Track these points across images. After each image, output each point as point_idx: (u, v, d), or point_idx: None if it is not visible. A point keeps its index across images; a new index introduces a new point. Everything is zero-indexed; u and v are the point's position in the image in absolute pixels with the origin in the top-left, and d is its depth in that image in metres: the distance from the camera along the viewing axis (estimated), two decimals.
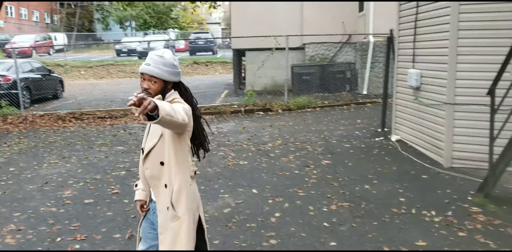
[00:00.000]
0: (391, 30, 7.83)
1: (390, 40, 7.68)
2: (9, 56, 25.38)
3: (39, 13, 45.95)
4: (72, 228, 4.13)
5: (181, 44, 34.27)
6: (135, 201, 2.50)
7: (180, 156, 2.28)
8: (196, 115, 2.37)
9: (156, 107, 1.86)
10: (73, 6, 48.07)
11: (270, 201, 4.65)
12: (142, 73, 2.25)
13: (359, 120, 8.85)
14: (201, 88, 15.40)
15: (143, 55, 27.61)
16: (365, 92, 11.82)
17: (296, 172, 5.66)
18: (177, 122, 2.00)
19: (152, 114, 1.90)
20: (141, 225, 2.51)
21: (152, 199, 2.42)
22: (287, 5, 12.68)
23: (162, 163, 2.30)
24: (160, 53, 2.28)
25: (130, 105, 1.82)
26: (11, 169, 6.23)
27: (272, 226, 4.05)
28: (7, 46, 26.73)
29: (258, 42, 11.50)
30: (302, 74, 12.01)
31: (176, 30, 43.90)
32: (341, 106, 10.59)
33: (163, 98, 2.28)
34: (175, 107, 2.02)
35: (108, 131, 9.04)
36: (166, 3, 33.64)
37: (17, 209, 4.65)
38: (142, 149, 2.38)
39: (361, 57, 11.94)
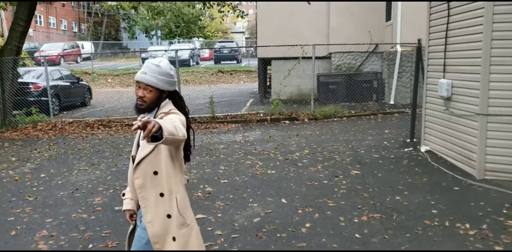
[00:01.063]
0: (419, 40, 7.76)
1: (419, 49, 7.59)
2: (38, 64, 26.12)
3: (67, 22, 47.16)
4: (103, 234, 4.18)
5: (206, 53, 34.68)
6: (123, 210, 2.47)
7: (177, 165, 2.30)
8: (187, 125, 2.38)
9: (160, 128, 1.86)
10: (100, 15, 49.20)
11: (300, 211, 4.61)
12: (137, 82, 2.26)
13: (387, 131, 8.74)
14: (226, 96, 15.50)
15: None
16: (392, 102, 11.69)
17: (325, 182, 5.61)
18: (179, 139, 2.00)
19: (155, 134, 1.90)
20: (130, 234, 2.51)
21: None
22: (313, 14, 12.69)
23: (155, 173, 2.27)
24: (157, 62, 2.27)
25: (135, 129, 1.84)
26: (42, 175, 6.36)
27: (303, 236, 4.01)
28: (36, 54, 27.50)
29: (284, 51, 11.54)
30: (328, 84, 11.96)
31: (200, 39, 44.45)
32: (368, 116, 10.49)
33: (158, 107, 2.31)
34: (176, 125, 2.02)
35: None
36: (195, 12, 33.98)
37: (49, 215, 4.73)
38: (133, 157, 2.35)
39: (388, 67, 11.82)
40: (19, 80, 11.12)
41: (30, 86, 11.90)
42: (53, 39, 40.67)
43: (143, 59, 30.64)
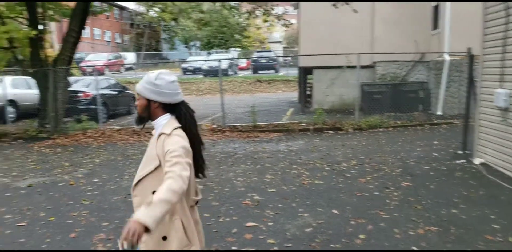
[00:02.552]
0: (469, 49, 7.56)
1: (471, 58, 7.38)
2: (84, 73, 27.08)
3: (111, 33, 48.78)
4: None
5: (243, 62, 35.01)
6: None
7: None
8: (196, 141, 2.34)
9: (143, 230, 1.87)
10: (142, 27, 50.63)
11: (352, 222, 4.53)
12: None
13: (436, 142, 8.51)
14: (265, 105, 15.55)
15: (208, 73, 28.44)
16: (439, 112, 11.38)
17: (376, 193, 5.50)
18: (182, 192, 2.03)
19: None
20: None
21: None
22: (357, 23, 12.60)
23: (154, 192, 2.17)
24: (151, 73, 2.30)
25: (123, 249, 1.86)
26: (95, 180, 6.54)
27: (358, 247, 3.93)
28: (81, 64, 28.54)
29: (326, 60, 11.50)
30: (373, 93, 11.80)
31: (238, 49, 44.96)
32: (415, 126, 10.26)
33: (147, 117, 2.30)
34: (172, 187, 1.97)
35: None
36: (240, 22, 34.34)
37: (105, 219, 4.84)
38: None
39: (435, 77, 11.55)
40: (70, 89, 11.57)
41: (80, 94, 12.34)
42: (98, 49, 42.13)
43: (183, 69, 31.29)
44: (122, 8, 47.87)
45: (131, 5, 49.03)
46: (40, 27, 11.44)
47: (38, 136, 10.76)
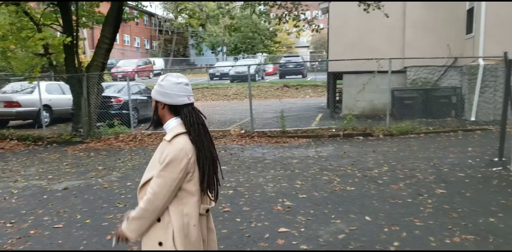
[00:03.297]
0: (505, 53, 7.37)
1: (508, 63, 7.20)
2: (114, 79, 27.68)
3: (140, 39, 49.72)
4: None
5: (270, 67, 35.08)
6: None
7: (182, 195, 2.19)
8: (202, 147, 2.19)
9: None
10: (170, 33, 51.44)
11: (386, 229, 4.46)
12: None
13: (470, 148, 8.31)
14: (293, 111, 15.52)
15: (235, 78, 28.62)
16: (473, 118, 11.12)
17: (409, 200, 5.41)
18: (156, 206, 2.14)
19: None
20: None
21: None
22: (387, 27, 12.46)
23: None
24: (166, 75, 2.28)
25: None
26: (128, 184, 6.65)
27: None
28: (112, 70, 29.19)
29: (357, 65, 11.40)
30: (404, 99, 11.63)
31: (264, 54, 45.10)
32: (448, 133, 10.04)
33: (156, 118, 2.30)
34: (145, 206, 2.14)
35: None
36: (271, 27, 34.51)
37: None
38: None
39: (469, 82, 11.30)
40: (102, 94, 11.84)
41: (112, 100, 12.61)
42: (127, 55, 43.01)
43: (210, 75, 31.58)
44: (151, 15, 48.76)
45: (159, 12, 49.99)
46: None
47: (72, 140, 11.05)
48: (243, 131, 11.14)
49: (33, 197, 6.18)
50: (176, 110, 2.24)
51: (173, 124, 2.23)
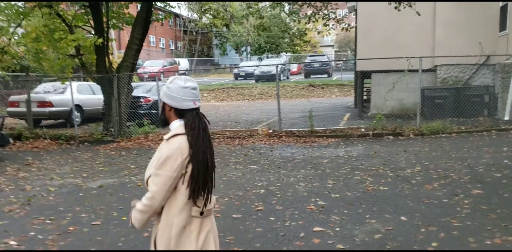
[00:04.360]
0: None
1: None
2: (141, 79, 28.06)
3: (165, 40, 50.30)
4: (227, 240, 4.31)
5: (294, 67, 34.98)
6: None
7: (180, 195, 2.20)
8: (199, 152, 2.18)
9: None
10: (194, 33, 51.88)
11: (422, 230, 4.41)
12: None
13: (505, 148, 8.11)
14: (320, 110, 15.43)
15: (259, 78, 28.65)
16: (507, 118, 10.83)
17: (445, 200, 5.32)
18: (155, 205, 2.21)
19: None
20: None
21: None
22: (416, 26, 12.28)
23: None
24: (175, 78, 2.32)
25: None
26: None
27: None
28: (139, 70, 29.61)
29: (386, 64, 11.28)
30: (434, 98, 11.43)
31: (288, 53, 45.00)
32: (480, 132, 9.83)
33: (164, 118, 2.35)
34: (144, 202, 2.23)
35: (239, 150, 9.40)
36: (301, 26, 34.46)
37: None
38: None
39: (503, 80, 11.02)
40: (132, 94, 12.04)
41: (142, 100, 12.80)
42: (153, 56, 43.53)
43: (235, 75, 31.70)
44: (176, 16, 49.25)
45: (184, 12, 50.45)
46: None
47: (103, 139, 11.27)
48: (271, 131, 11.16)
49: (70, 194, 6.33)
50: (180, 113, 2.28)
51: (176, 125, 2.29)
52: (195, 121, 2.23)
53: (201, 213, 2.24)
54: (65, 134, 11.79)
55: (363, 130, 10.44)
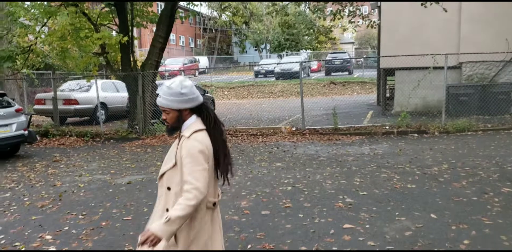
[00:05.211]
0: None
1: None
2: (162, 77, 28.31)
3: (185, 38, 50.61)
4: (258, 236, 4.36)
5: (314, 64, 34.84)
6: None
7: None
8: (220, 141, 2.38)
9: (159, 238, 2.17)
10: (214, 31, 52.07)
11: (453, 227, 4.38)
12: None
13: None
14: (342, 108, 15.35)
15: (280, 76, 28.62)
16: None
17: (474, 198, 5.28)
18: (196, 204, 2.22)
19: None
20: None
21: None
22: (441, 22, 12.10)
23: (169, 188, 2.35)
24: (169, 83, 2.33)
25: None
26: None
27: None
28: (160, 68, 29.86)
29: (410, 61, 11.16)
30: (459, 95, 11.29)
31: (308, 51, 44.82)
32: (507, 130, 9.68)
33: (180, 127, 2.36)
34: (189, 203, 2.18)
35: (262, 148, 9.44)
36: (325, 23, 34.33)
37: None
38: None
39: None
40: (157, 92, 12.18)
41: None
42: (173, 54, 43.87)
43: (255, 72, 31.73)
44: (197, 14, 49.50)
45: (204, 10, 50.66)
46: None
47: (128, 136, 11.45)
48: (294, 128, 11.17)
49: (99, 190, 6.47)
50: (195, 109, 2.39)
51: (191, 122, 2.37)
52: (209, 113, 2.39)
53: (214, 204, 2.44)
54: (90, 131, 12.00)
55: (387, 127, 10.38)
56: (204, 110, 2.39)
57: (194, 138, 2.28)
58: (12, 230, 4.90)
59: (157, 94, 11.31)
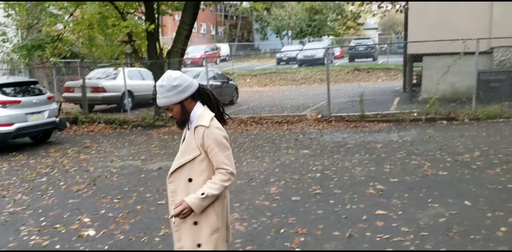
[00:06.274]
0: None
1: None
2: (184, 65, 28.43)
3: (206, 25, 50.52)
4: (290, 221, 4.40)
5: (337, 51, 34.40)
6: None
7: (212, 173, 2.43)
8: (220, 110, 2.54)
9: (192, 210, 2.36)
10: (235, 18, 51.87)
11: (489, 214, 4.34)
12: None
13: None
14: (367, 95, 15.06)
15: (303, 62, 28.39)
16: None
17: (510, 186, 5.20)
18: (228, 184, 2.40)
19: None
20: None
21: None
22: (472, 6, 11.77)
23: (190, 180, 2.42)
24: (160, 82, 2.38)
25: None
26: None
27: (502, 240, 3.77)
28: None
29: (439, 47, 10.93)
30: (490, 81, 11.01)
31: (331, 37, 44.23)
32: None
33: (189, 116, 2.42)
34: (224, 183, 2.37)
35: (288, 135, 9.44)
36: (355, 8, 33.94)
37: (235, 200, 5.13)
38: None
39: None
40: None
41: None
42: (194, 42, 43.83)
43: (278, 59, 31.50)
44: (219, 0, 49.24)
45: None
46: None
47: (155, 123, 11.59)
48: (319, 116, 11.13)
49: (132, 175, 6.61)
50: (193, 96, 2.44)
51: (200, 110, 2.44)
52: (208, 93, 2.47)
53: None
54: (118, 118, 12.19)
55: (415, 114, 10.24)
56: (203, 93, 2.46)
57: (214, 126, 2.38)
58: (51, 213, 5.06)
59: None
